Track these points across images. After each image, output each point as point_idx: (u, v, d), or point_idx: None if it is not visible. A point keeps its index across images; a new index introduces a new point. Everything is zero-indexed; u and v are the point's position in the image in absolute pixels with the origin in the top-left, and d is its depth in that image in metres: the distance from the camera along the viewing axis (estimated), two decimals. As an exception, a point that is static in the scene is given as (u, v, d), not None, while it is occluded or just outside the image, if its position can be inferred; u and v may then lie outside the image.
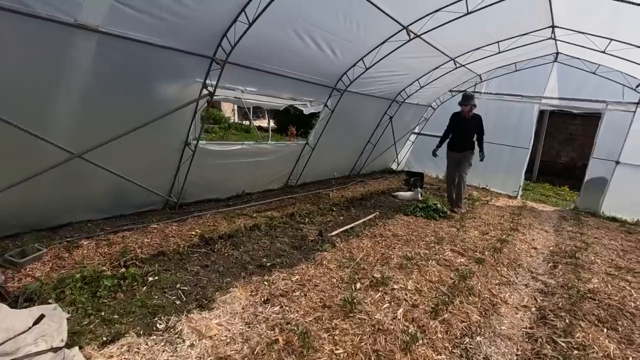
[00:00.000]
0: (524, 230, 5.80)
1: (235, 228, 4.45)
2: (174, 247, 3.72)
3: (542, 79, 8.25)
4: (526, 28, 6.06)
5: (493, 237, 5.24)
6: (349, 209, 6.09)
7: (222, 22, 3.76)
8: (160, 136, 4.28)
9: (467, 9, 4.73)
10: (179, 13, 3.42)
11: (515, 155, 8.75)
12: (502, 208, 7.26)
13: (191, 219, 4.63)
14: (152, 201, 4.71)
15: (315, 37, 4.72)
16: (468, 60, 7.31)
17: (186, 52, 3.80)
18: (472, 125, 6.20)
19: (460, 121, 6.33)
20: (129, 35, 3.30)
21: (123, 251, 3.36)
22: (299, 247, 4.19)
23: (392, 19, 4.85)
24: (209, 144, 4.91)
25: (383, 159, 9.89)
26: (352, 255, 4.10)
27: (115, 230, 3.96)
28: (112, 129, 3.59)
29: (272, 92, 5.29)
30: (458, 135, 6.33)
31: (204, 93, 4.18)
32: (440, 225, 5.64)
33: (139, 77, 3.68)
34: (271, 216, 5.09)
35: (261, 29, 4.05)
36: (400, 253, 4.31)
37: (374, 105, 7.82)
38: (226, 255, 3.74)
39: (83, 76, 3.23)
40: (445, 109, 9.83)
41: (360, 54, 5.70)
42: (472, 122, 6.20)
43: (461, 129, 6.28)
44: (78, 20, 2.87)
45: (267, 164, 6.13)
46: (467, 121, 6.22)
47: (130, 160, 4.17)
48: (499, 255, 4.51)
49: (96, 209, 4.18)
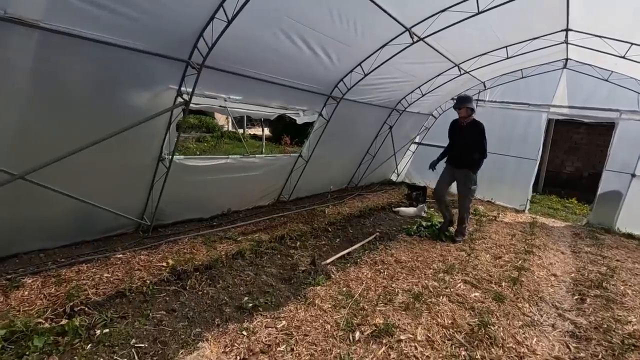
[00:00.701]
0: (540, 253, 5.25)
1: (215, 256, 3.86)
2: (137, 283, 3.12)
3: (550, 86, 7.78)
4: (538, 31, 5.57)
5: (507, 263, 4.67)
6: (345, 228, 5.52)
7: (198, 19, 3.22)
8: (128, 151, 3.71)
9: (477, 8, 4.23)
10: (145, 8, 2.88)
11: (522, 166, 8.23)
12: (512, 225, 6.72)
13: (165, 245, 4.04)
14: (121, 224, 4.13)
15: (307, 40, 4.19)
16: (473, 67, 6.82)
17: (155, 54, 3.25)
18: (469, 135, 4.95)
19: (457, 130, 5.20)
20: (81, 33, 2.75)
21: (70, 294, 2.76)
22: (288, 280, 3.60)
23: (394, 19, 4.33)
24: (188, 159, 4.34)
25: (382, 170, 9.36)
26: (349, 290, 3.52)
27: (70, 262, 3.37)
28: (64, 145, 3.01)
29: (260, 100, 4.75)
30: (455, 148, 5.22)
31: (178, 102, 3.63)
32: (447, 248, 5.07)
33: (97, 84, 3.13)
34: (258, 239, 4.51)
35: (244, 29, 3.52)
36: (405, 286, 3.73)
37: (373, 114, 7.30)
38: (200, 294, 3.15)
39: (22, 83, 2.67)
40: (447, 118, 9.31)
41: (358, 59, 5.18)
42: (470, 130, 4.96)
43: (457, 140, 5.16)
44: (9, 13, 2.32)
45: (256, 179, 5.56)
46: (463, 130, 5.06)
47: (93, 179, 3.61)
48: (517, 287, 3.94)
49: (52, 236, 3.59)
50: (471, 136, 4.92)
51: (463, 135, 5.01)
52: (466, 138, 4.97)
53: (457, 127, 5.16)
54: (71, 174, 3.37)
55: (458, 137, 5.12)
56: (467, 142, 4.97)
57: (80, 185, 3.49)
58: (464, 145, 5.01)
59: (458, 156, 5.12)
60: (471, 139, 4.92)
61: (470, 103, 4.92)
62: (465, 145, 4.99)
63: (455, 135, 5.21)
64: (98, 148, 3.21)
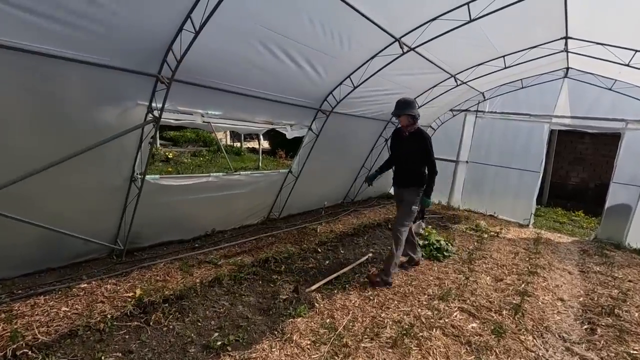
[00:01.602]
0: (544, 273, 4.88)
1: (189, 284, 3.57)
2: (97, 319, 2.83)
3: (551, 96, 7.50)
4: (536, 40, 5.34)
5: (509, 286, 4.32)
6: (337, 248, 5.20)
7: (166, 32, 3.00)
8: (96, 172, 3.48)
9: (469, 16, 4.00)
10: (105, 21, 2.67)
11: (525, 179, 7.91)
12: (515, 242, 6.36)
13: (137, 271, 3.76)
14: (92, 249, 3.86)
15: (290, 52, 3.98)
16: (470, 77, 6.59)
17: (122, 70, 3.03)
18: (413, 147, 4.01)
19: (398, 141, 4.22)
20: (36, 48, 2.54)
21: (15, 335, 2.47)
22: (267, 311, 3.29)
23: (382, 29, 4.11)
24: (164, 178, 4.09)
25: (380, 184, 9.05)
26: (333, 322, 3.19)
27: (28, 294, 3.09)
28: (21, 167, 2.78)
29: (242, 115, 4.51)
30: (397, 162, 4.29)
31: (149, 118, 3.40)
32: (445, 269, 4.73)
33: (57, 102, 2.90)
34: (240, 263, 4.22)
35: (219, 41, 3.31)
36: (395, 315, 3.40)
37: (367, 127, 7.05)
38: (164, 331, 2.85)
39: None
40: (445, 129, 9.10)
41: (347, 71, 4.95)
42: (413, 141, 4.00)
43: (399, 153, 4.23)
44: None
45: (243, 197, 5.29)
46: (405, 141, 4.08)
47: (59, 203, 3.36)
48: (519, 316, 3.59)
49: (11, 264, 3.32)
50: (415, 148, 3.99)
51: (405, 147, 4.09)
52: (409, 150, 4.05)
53: (400, 137, 4.18)
54: (32, 197, 3.13)
55: (400, 149, 4.20)
56: (411, 154, 4.05)
57: (45, 209, 3.25)
58: (408, 159, 4.10)
59: (403, 173, 4.18)
60: (415, 151, 3.99)
61: (411, 109, 3.89)
62: (409, 159, 4.08)
63: (396, 147, 4.27)
64: (64, 170, 2.99)
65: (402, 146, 4.14)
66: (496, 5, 3.83)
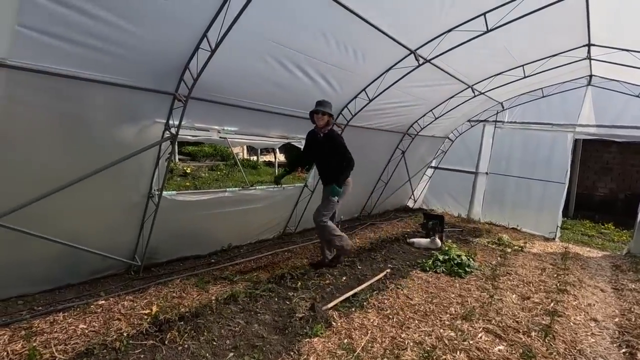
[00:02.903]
0: (575, 291, 4.61)
1: (205, 301, 3.54)
2: (113, 337, 2.82)
3: (575, 105, 7.25)
4: (557, 48, 5.20)
5: (537, 305, 4.09)
6: (354, 263, 5.08)
7: (182, 51, 3.07)
8: (115, 190, 3.54)
9: (486, 27, 3.93)
10: (124, 43, 2.75)
11: (549, 191, 7.61)
12: (541, 257, 6.07)
13: (154, 287, 3.76)
14: (110, 265, 3.90)
15: (303, 67, 3.99)
16: (488, 87, 6.46)
17: (140, 89, 3.10)
18: (329, 147, 4.15)
19: (315, 142, 4.28)
20: (58, 70, 2.62)
21: (32, 353, 2.48)
22: (283, 330, 3.21)
23: (397, 42, 4.09)
24: (181, 194, 4.12)
25: (397, 197, 8.92)
26: (351, 343, 3.08)
27: (48, 310, 3.12)
28: (43, 186, 2.84)
29: (257, 131, 4.54)
30: (317, 163, 4.49)
31: (166, 135, 3.45)
32: (467, 286, 4.54)
33: (77, 121, 2.98)
34: (256, 279, 4.17)
35: (233, 59, 3.36)
36: (416, 336, 3.26)
37: (383, 140, 6.98)
38: (179, 350, 2.80)
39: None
40: (463, 140, 8.93)
41: (362, 85, 4.94)
42: (328, 141, 4.16)
43: (317, 154, 4.33)
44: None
45: (259, 212, 5.28)
46: (320, 142, 4.20)
47: (78, 219, 3.43)
48: (550, 338, 3.37)
49: (33, 280, 3.38)
50: (332, 147, 4.15)
51: (323, 148, 4.21)
52: (327, 150, 4.19)
53: (315, 139, 4.25)
54: (53, 214, 3.19)
55: (317, 150, 4.29)
56: (329, 154, 4.21)
57: (64, 226, 3.31)
58: (326, 159, 4.26)
59: (324, 171, 4.40)
60: (332, 151, 4.15)
61: (328, 107, 4.03)
62: (327, 159, 4.24)
63: (313, 148, 4.33)
64: (83, 187, 3.04)
65: (319, 147, 4.25)
66: (514, 15, 3.75)
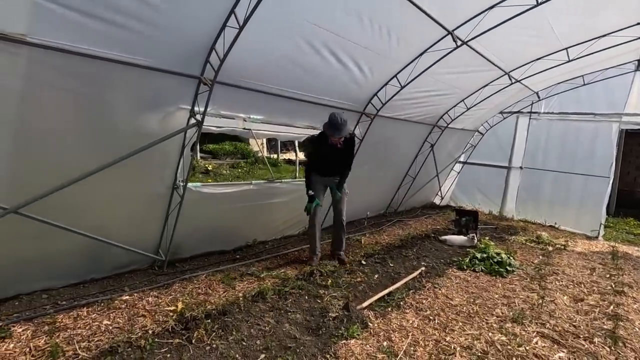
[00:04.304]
0: (633, 293, 4.17)
1: (232, 298, 3.34)
2: (137, 334, 2.65)
3: (621, 92, 6.70)
4: (607, 27, 4.74)
5: (594, 308, 3.69)
6: (385, 261, 4.79)
7: (208, 30, 2.87)
8: (138, 180, 3.39)
9: (536, 0, 3.57)
10: (149, 20, 2.57)
11: (591, 185, 7.07)
12: (587, 256, 5.60)
13: (178, 283, 3.60)
14: (134, 260, 3.76)
15: (334, 50, 3.74)
16: (525, 75, 6.02)
17: (163, 71, 2.92)
18: (343, 151, 4.36)
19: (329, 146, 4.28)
20: (79, 49, 2.47)
21: (55, 350, 2.33)
22: (316, 330, 2.96)
23: (435, 20, 3.78)
24: (206, 186, 3.95)
25: (424, 193, 8.54)
26: (391, 346, 2.81)
27: (71, 305, 2.99)
28: (64, 175, 2.70)
29: (284, 120, 4.32)
30: (325, 158, 4.39)
31: (191, 122, 3.26)
32: (510, 286, 4.18)
33: (98, 106, 2.82)
34: (284, 276, 3.95)
35: (261, 39, 3.14)
36: (463, 340, 2.95)
37: (412, 132, 6.64)
38: (207, 349, 2.60)
39: (10, 107, 2.40)
40: (494, 133, 8.46)
41: (393, 70, 4.64)
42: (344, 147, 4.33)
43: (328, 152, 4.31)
44: (-11, 27, 2.06)
45: (284, 206, 5.07)
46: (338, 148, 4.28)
47: (101, 211, 3.29)
48: (617, 345, 2.99)
49: (57, 274, 3.26)
50: (346, 152, 4.39)
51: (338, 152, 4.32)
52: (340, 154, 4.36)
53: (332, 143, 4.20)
54: (76, 206, 3.07)
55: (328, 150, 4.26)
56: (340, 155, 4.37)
57: (87, 218, 3.18)
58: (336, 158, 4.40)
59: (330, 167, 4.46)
60: (345, 155, 4.42)
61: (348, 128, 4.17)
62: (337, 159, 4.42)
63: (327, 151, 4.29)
64: (106, 177, 2.89)
65: (334, 149, 4.21)
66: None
